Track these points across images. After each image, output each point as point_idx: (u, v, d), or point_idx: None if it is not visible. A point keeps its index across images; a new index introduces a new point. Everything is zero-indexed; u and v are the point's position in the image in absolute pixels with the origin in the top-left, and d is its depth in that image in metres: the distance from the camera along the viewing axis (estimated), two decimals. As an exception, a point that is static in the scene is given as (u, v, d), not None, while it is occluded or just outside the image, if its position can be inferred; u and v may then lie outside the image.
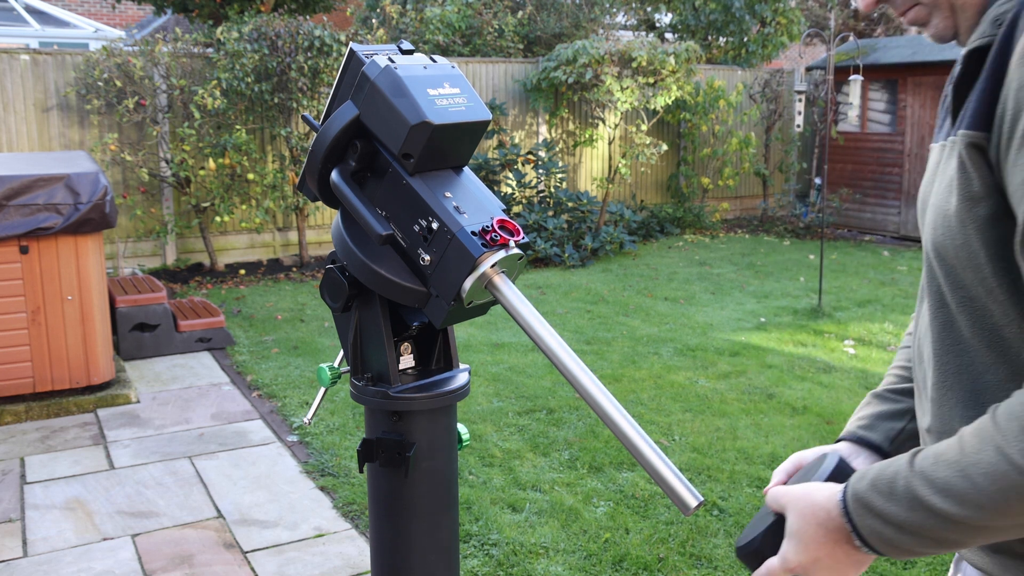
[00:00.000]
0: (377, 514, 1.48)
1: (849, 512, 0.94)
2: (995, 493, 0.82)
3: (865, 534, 0.93)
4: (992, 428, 0.84)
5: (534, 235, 8.80)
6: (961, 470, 0.84)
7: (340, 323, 1.49)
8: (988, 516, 0.83)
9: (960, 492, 0.84)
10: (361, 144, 1.35)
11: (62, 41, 13.39)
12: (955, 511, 0.85)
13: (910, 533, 0.89)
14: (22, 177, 4.53)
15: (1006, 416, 0.83)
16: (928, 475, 0.87)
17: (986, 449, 0.83)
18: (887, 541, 0.91)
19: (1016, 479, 0.81)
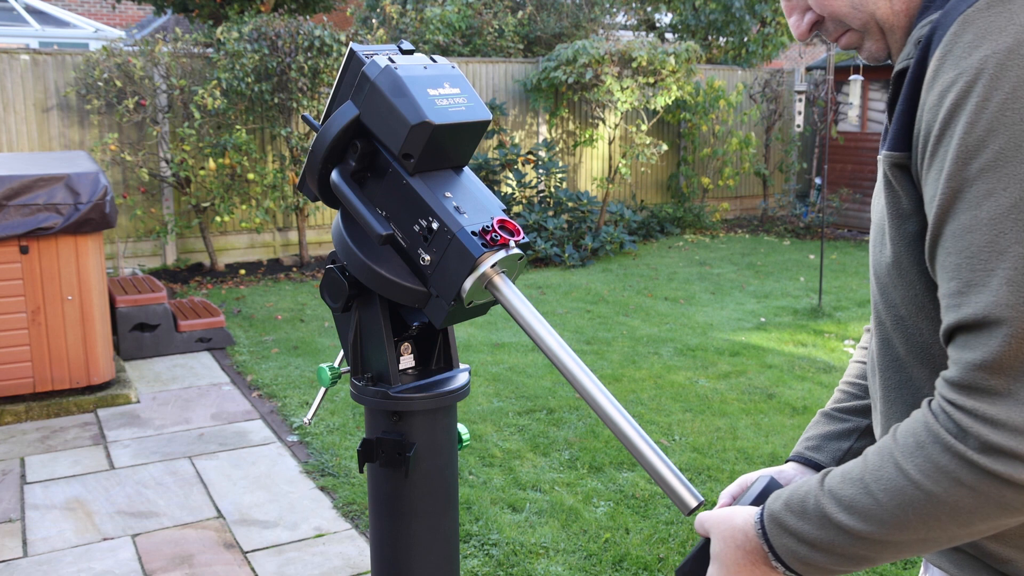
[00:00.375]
0: (377, 514, 1.48)
1: (766, 532, 0.95)
2: (895, 509, 0.83)
3: (781, 554, 0.93)
4: (891, 445, 0.86)
5: (534, 235, 8.80)
6: (864, 487, 0.86)
7: (340, 323, 1.49)
8: (890, 531, 0.85)
9: (863, 508, 0.86)
10: (361, 144, 1.35)
11: (62, 41, 13.39)
12: (860, 527, 0.86)
13: (822, 551, 0.90)
14: (22, 177, 4.53)
15: (904, 433, 0.85)
16: (835, 493, 0.89)
17: (886, 466, 0.85)
18: (802, 560, 0.92)
19: (913, 494, 0.82)
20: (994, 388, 0.78)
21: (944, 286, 0.84)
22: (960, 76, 0.83)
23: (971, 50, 0.82)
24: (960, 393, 0.80)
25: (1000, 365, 0.78)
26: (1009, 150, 0.79)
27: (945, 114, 0.84)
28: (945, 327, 0.84)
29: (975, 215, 0.81)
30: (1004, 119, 0.80)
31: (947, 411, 0.81)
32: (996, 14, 0.82)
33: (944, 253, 0.84)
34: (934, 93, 0.86)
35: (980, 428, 0.78)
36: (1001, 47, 0.81)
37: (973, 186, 0.81)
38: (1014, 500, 0.78)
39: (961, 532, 0.83)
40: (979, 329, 0.80)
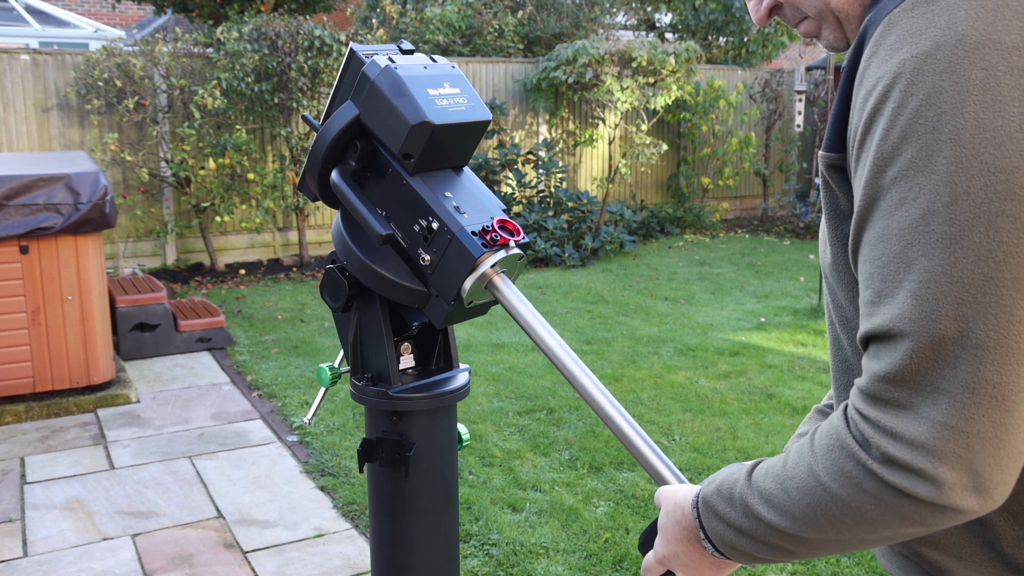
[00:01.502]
0: (377, 514, 1.48)
1: (699, 513, 0.97)
2: (805, 507, 0.85)
3: (711, 535, 0.96)
4: (808, 445, 0.86)
5: (534, 235, 8.80)
6: (781, 483, 0.87)
7: (340, 323, 1.49)
8: (802, 528, 0.86)
9: (779, 503, 0.87)
10: (361, 144, 1.35)
11: (62, 41, 13.39)
12: (776, 521, 0.87)
13: (747, 538, 0.91)
14: (22, 177, 4.53)
15: (820, 434, 0.85)
16: (758, 484, 0.90)
17: (801, 465, 0.86)
18: (728, 543, 0.94)
19: (821, 495, 0.83)
20: (897, 400, 0.78)
21: (861, 294, 0.83)
22: (880, 80, 0.81)
23: (893, 52, 0.80)
24: (866, 403, 0.80)
25: (903, 378, 0.77)
26: (920, 159, 0.77)
27: (866, 118, 0.82)
28: (859, 336, 0.84)
29: (887, 224, 0.79)
30: (917, 126, 0.77)
31: (854, 419, 0.81)
32: (919, 15, 0.80)
33: (862, 261, 0.83)
34: (860, 95, 0.84)
35: (881, 440, 0.78)
36: (919, 51, 0.78)
37: (887, 194, 0.79)
38: (912, 512, 0.78)
39: (869, 537, 0.83)
40: (886, 340, 0.79)
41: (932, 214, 0.76)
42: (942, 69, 0.77)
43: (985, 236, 0.75)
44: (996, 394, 0.75)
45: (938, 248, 0.76)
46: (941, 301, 0.75)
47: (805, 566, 3.18)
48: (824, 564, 3.18)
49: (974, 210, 0.75)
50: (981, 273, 0.75)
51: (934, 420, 0.76)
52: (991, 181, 0.75)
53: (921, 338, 0.76)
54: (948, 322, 0.75)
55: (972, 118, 0.75)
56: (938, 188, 0.76)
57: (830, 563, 3.18)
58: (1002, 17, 0.77)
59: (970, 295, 0.75)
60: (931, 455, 0.76)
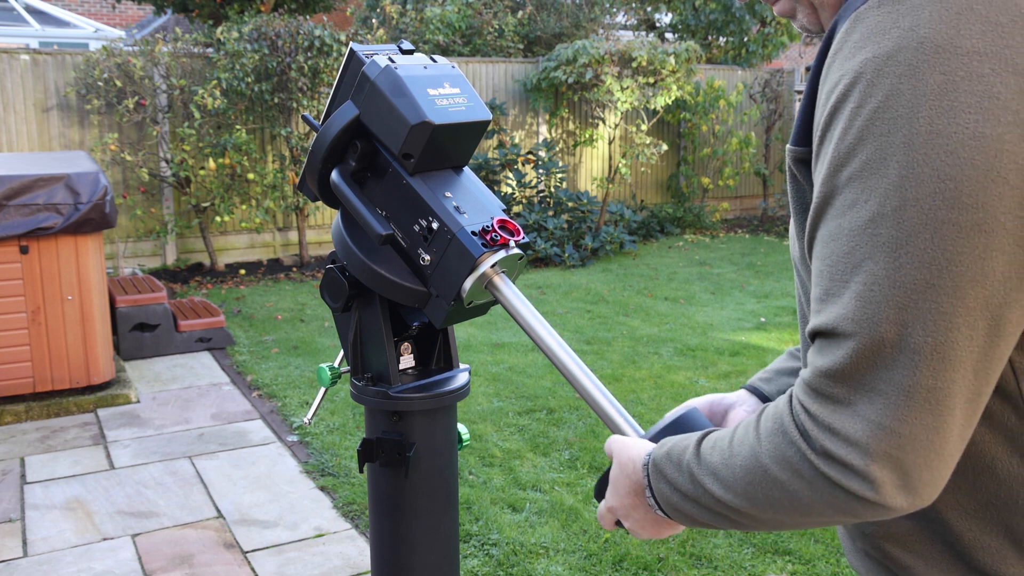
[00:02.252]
0: (377, 514, 1.48)
1: (648, 473, 1.01)
2: (747, 485, 0.88)
3: (657, 496, 1.00)
4: (754, 426, 0.89)
5: (534, 235, 8.80)
6: (727, 458, 0.90)
7: (340, 323, 1.49)
8: (743, 503, 0.89)
9: (723, 477, 0.90)
10: (361, 144, 1.35)
11: (62, 41, 13.39)
12: (719, 493, 0.91)
13: (692, 502, 0.95)
14: (22, 177, 4.53)
15: (766, 416, 0.88)
16: (705, 456, 0.94)
17: (745, 443, 0.89)
18: (673, 506, 0.98)
19: (761, 474, 0.86)
20: (836, 396, 0.80)
21: (812, 290, 0.85)
22: (843, 78, 0.81)
23: (856, 51, 0.80)
24: (808, 396, 0.82)
25: (843, 375, 0.79)
26: (874, 161, 0.77)
27: (827, 115, 0.82)
28: (807, 330, 0.85)
29: (839, 224, 0.80)
30: (873, 128, 0.77)
31: (797, 410, 0.84)
32: (884, 14, 0.79)
33: (815, 257, 0.85)
34: (824, 91, 0.84)
35: (819, 433, 0.81)
36: (881, 51, 0.78)
37: (841, 194, 0.80)
38: (844, 503, 0.81)
39: (805, 520, 0.87)
40: (830, 338, 0.81)
41: (881, 217, 0.77)
42: (901, 72, 0.76)
43: (930, 243, 0.75)
44: (930, 398, 0.76)
45: (883, 252, 0.77)
46: (883, 304, 0.76)
47: (806, 566, 3.18)
48: (824, 564, 3.18)
49: (921, 216, 0.75)
50: (923, 279, 0.75)
51: (869, 419, 0.78)
52: (940, 188, 0.75)
53: (862, 339, 0.77)
54: (888, 326, 0.76)
55: (926, 123, 0.75)
56: (888, 192, 0.76)
57: (830, 563, 3.19)
58: (965, 21, 0.76)
59: (911, 300, 0.76)
60: (864, 453, 0.78)
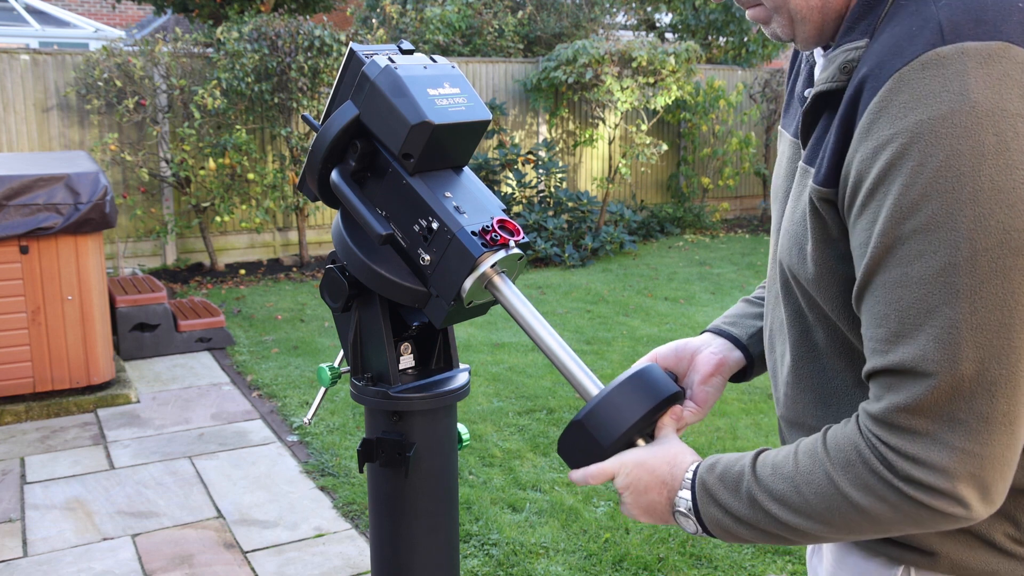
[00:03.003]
0: (377, 514, 1.48)
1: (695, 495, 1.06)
2: (823, 510, 0.96)
3: (704, 517, 1.06)
4: (823, 454, 0.97)
5: (534, 235, 8.80)
6: (795, 486, 0.98)
7: (340, 323, 1.49)
8: (814, 525, 0.98)
9: (793, 504, 0.98)
10: (361, 144, 1.34)
11: (62, 41, 13.39)
12: (788, 518, 0.99)
13: (747, 526, 1.02)
14: (22, 177, 4.53)
15: (835, 447, 0.96)
16: (766, 484, 1.00)
17: (817, 472, 0.96)
18: (723, 527, 1.05)
19: (841, 502, 0.95)
20: (914, 428, 0.89)
21: (871, 330, 0.92)
22: (896, 136, 0.87)
23: (907, 111, 0.86)
24: (884, 429, 0.91)
25: (921, 409, 0.88)
26: (941, 216, 0.85)
27: (879, 170, 0.88)
28: (871, 368, 0.93)
29: (906, 272, 0.87)
30: (938, 186, 0.84)
31: (873, 443, 0.92)
32: (931, 77, 0.86)
33: (873, 300, 0.91)
34: (868, 145, 0.89)
35: (903, 464, 0.90)
36: (936, 114, 0.84)
37: (905, 244, 0.87)
38: (927, 519, 0.91)
39: (875, 532, 0.97)
40: (904, 375, 0.89)
41: (953, 267, 0.85)
42: (959, 133, 0.83)
43: (1001, 287, 0.84)
44: (1005, 421, 0.87)
45: (960, 298, 0.85)
46: (963, 345, 0.85)
47: (805, 566, 3.18)
48: (824, 564, 3.18)
49: (991, 264, 0.84)
50: (996, 320, 0.84)
51: (953, 446, 0.87)
52: (1006, 238, 0.83)
53: (944, 377, 0.86)
54: (968, 364, 0.85)
55: (989, 180, 0.83)
56: (959, 243, 0.84)
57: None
58: (1006, 86, 0.84)
59: (988, 340, 0.85)
60: (950, 476, 0.88)
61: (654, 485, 1.11)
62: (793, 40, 1.06)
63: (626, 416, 1.16)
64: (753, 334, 1.35)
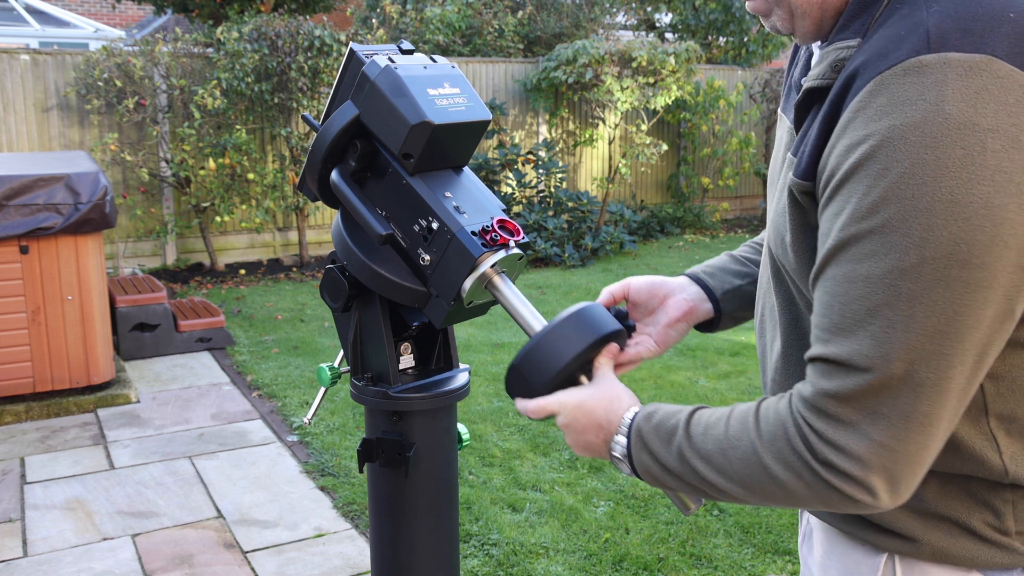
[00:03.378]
0: (377, 514, 1.48)
1: (630, 442, 1.11)
2: (743, 475, 1.00)
3: (635, 462, 1.11)
4: (753, 423, 1.01)
5: (534, 235, 8.80)
6: (722, 449, 1.02)
7: (340, 323, 1.49)
8: (735, 488, 1.02)
9: (718, 465, 1.02)
10: (361, 144, 1.34)
11: (62, 41, 13.39)
12: (712, 477, 1.03)
13: (673, 476, 1.07)
14: (22, 177, 4.53)
15: (765, 420, 1.00)
16: (696, 443, 1.05)
17: (744, 440, 1.00)
18: (652, 474, 1.10)
19: (760, 471, 0.99)
20: (839, 416, 0.93)
21: (816, 317, 0.96)
22: (869, 137, 0.89)
23: (882, 114, 0.88)
24: (811, 412, 0.95)
25: (849, 399, 0.92)
26: (896, 220, 0.87)
27: (849, 167, 0.91)
28: (811, 353, 0.97)
29: (855, 268, 0.91)
30: (898, 191, 0.87)
31: (800, 424, 0.96)
32: (910, 84, 0.87)
33: (822, 290, 0.95)
34: (843, 143, 0.92)
35: (823, 448, 0.94)
36: (908, 121, 0.86)
37: (860, 243, 0.90)
38: (836, 502, 0.96)
39: (789, 504, 1.01)
40: (839, 366, 0.92)
41: (900, 271, 0.88)
42: (927, 143, 0.86)
43: (942, 297, 0.87)
44: (924, 422, 0.90)
45: (900, 301, 0.88)
46: (896, 346, 0.89)
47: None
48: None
49: (936, 273, 0.87)
50: (932, 327, 0.88)
51: (871, 438, 0.91)
52: (956, 251, 0.86)
53: (875, 374, 0.90)
54: (899, 363, 0.89)
55: (947, 192, 0.85)
56: (909, 249, 0.87)
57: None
58: (982, 100, 0.85)
59: (921, 344, 0.88)
60: (864, 466, 0.92)
61: (591, 427, 1.15)
62: (792, 34, 1.08)
63: (557, 359, 1.18)
64: (729, 291, 1.39)
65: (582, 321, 1.20)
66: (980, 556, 1.04)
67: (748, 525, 3.47)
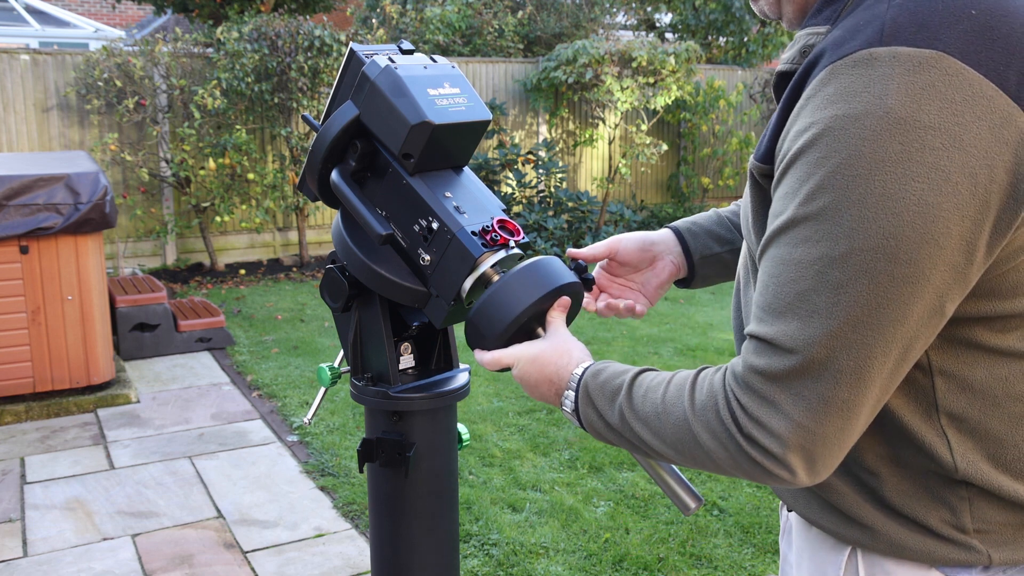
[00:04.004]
0: (377, 514, 1.48)
1: (578, 396, 1.15)
2: (675, 440, 1.04)
3: (581, 414, 1.15)
4: (688, 391, 1.04)
5: (534, 235, 8.80)
6: (657, 413, 1.06)
7: (340, 323, 1.49)
8: (667, 450, 1.06)
9: (653, 427, 1.06)
10: (361, 144, 1.34)
11: (62, 41, 13.39)
12: (646, 436, 1.07)
13: (615, 433, 1.11)
14: (22, 177, 4.53)
15: (700, 388, 1.03)
16: (636, 403, 1.09)
17: (678, 406, 1.04)
18: (594, 428, 1.14)
19: (689, 437, 1.02)
20: (764, 394, 0.95)
21: (756, 294, 0.98)
22: (812, 125, 0.91)
23: (828, 104, 0.90)
24: (740, 389, 0.97)
25: (774, 379, 0.94)
26: (829, 210, 0.89)
27: (793, 154, 0.93)
28: (747, 330, 0.99)
29: (790, 252, 0.93)
30: (833, 181, 0.88)
31: (729, 398, 0.99)
32: (857, 76, 0.88)
33: (763, 269, 0.97)
34: (795, 128, 0.94)
35: (746, 421, 0.96)
36: (850, 112, 0.87)
37: (796, 228, 0.92)
38: (758, 475, 0.99)
39: (715, 470, 1.04)
40: (768, 345, 0.95)
41: (829, 259, 0.89)
42: (866, 136, 0.87)
43: (866, 288, 0.88)
44: (843, 408, 0.92)
45: (827, 288, 0.90)
46: (819, 331, 0.90)
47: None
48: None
49: (863, 265, 0.88)
50: (855, 316, 0.89)
51: (792, 418, 0.93)
52: (883, 244, 0.87)
53: (798, 356, 0.92)
54: (820, 348, 0.91)
55: (880, 186, 0.86)
56: (839, 238, 0.89)
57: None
58: (927, 97, 0.85)
59: (843, 331, 0.90)
60: (784, 444, 0.94)
61: (543, 381, 1.19)
62: (780, 18, 1.10)
63: (508, 311, 1.20)
64: (706, 256, 1.46)
65: (535, 274, 1.23)
66: (937, 552, 1.05)
67: (748, 525, 3.47)
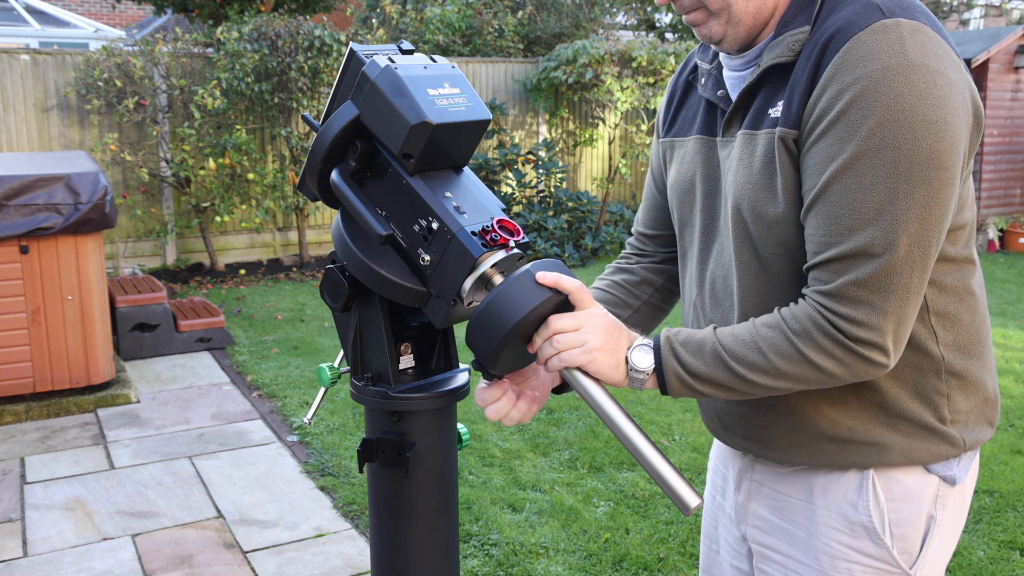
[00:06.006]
0: (377, 514, 1.48)
1: (660, 354, 1.25)
2: (782, 367, 1.21)
3: (665, 369, 1.25)
4: (783, 325, 1.22)
5: (534, 235, 8.80)
6: (758, 349, 1.22)
7: (340, 323, 1.49)
8: (770, 379, 1.22)
9: (752, 362, 1.22)
10: (361, 144, 1.34)
11: (62, 41, 13.39)
12: (747, 374, 1.22)
13: (705, 381, 1.24)
14: (22, 177, 4.53)
15: (791, 319, 1.21)
16: (728, 347, 1.23)
17: (779, 337, 1.21)
18: (682, 380, 1.24)
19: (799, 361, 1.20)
20: (860, 297, 1.16)
21: (823, 228, 1.18)
22: (857, 81, 1.15)
23: (864, 63, 1.16)
24: (836, 302, 1.18)
25: (867, 283, 1.16)
26: (888, 140, 1.14)
27: (843, 106, 1.16)
28: (823, 258, 1.18)
29: (860, 181, 1.16)
30: (887, 117, 1.14)
31: (826, 315, 1.19)
32: (880, 40, 1.16)
33: (828, 204, 1.18)
34: (833, 88, 1.17)
35: (850, 328, 1.17)
36: (885, 65, 1.15)
37: (861, 160, 1.15)
38: (862, 369, 1.20)
39: (819, 384, 1.22)
40: (855, 258, 1.16)
41: (895, 176, 1.15)
42: (902, 80, 1.14)
43: (926, 192, 1.15)
44: (916, 291, 1.18)
45: (899, 199, 1.15)
46: (900, 233, 1.15)
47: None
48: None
49: (921, 175, 1.14)
50: (920, 216, 1.15)
51: (886, 311, 1.17)
52: (932, 156, 1.14)
53: (885, 257, 1.15)
54: (902, 247, 1.15)
55: (921, 114, 1.14)
56: (900, 160, 1.14)
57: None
58: (927, 49, 1.16)
59: (914, 230, 1.15)
60: (882, 332, 1.18)
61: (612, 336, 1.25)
62: (719, 42, 1.29)
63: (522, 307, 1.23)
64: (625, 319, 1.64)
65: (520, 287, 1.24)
66: (932, 449, 1.30)
67: (748, 525, 3.47)
